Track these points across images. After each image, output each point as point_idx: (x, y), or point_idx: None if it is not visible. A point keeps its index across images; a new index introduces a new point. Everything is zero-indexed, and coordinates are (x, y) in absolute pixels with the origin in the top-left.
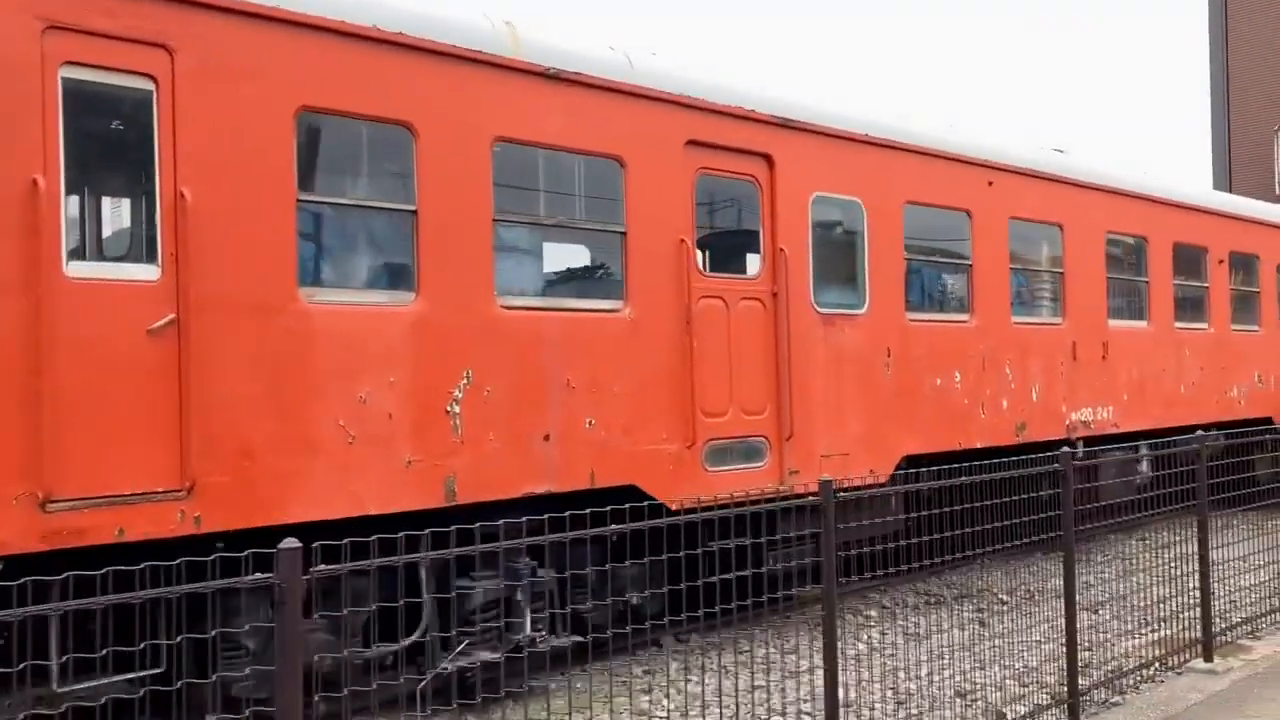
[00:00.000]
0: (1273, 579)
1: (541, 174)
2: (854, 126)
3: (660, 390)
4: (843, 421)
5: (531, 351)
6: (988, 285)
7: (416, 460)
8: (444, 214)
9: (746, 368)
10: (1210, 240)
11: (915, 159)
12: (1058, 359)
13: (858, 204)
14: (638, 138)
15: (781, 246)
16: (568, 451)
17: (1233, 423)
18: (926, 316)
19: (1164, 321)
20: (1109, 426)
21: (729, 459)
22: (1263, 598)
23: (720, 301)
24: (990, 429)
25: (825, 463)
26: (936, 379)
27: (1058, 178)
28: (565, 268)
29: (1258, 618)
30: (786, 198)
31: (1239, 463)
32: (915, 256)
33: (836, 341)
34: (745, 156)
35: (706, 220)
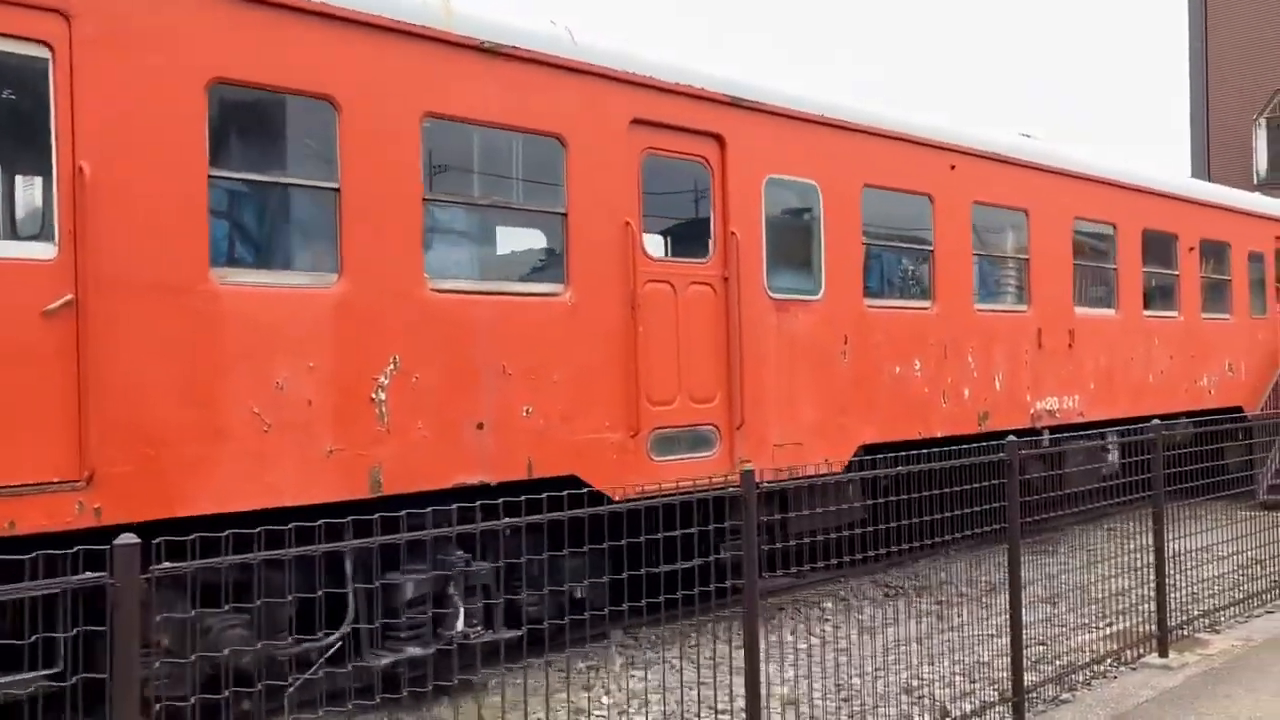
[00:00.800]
0: (1235, 570)
1: (476, 152)
2: (809, 107)
3: (603, 377)
4: (797, 410)
5: (464, 336)
6: (950, 272)
7: (338, 449)
8: (369, 192)
9: (696, 354)
10: (1180, 227)
11: (874, 141)
12: (1022, 347)
13: (814, 187)
14: (580, 116)
15: (733, 230)
16: (503, 440)
17: (1203, 412)
18: (886, 303)
19: (1133, 309)
20: (1075, 416)
21: (676, 448)
22: (1224, 589)
23: (668, 286)
24: (952, 418)
25: (778, 452)
26: (896, 367)
27: (1023, 162)
28: (502, 250)
29: (1217, 610)
30: (738, 180)
31: (1205, 452)
32: (874, 242)
33: (791, 328)
34: (695, 137)
35: (654, 202)
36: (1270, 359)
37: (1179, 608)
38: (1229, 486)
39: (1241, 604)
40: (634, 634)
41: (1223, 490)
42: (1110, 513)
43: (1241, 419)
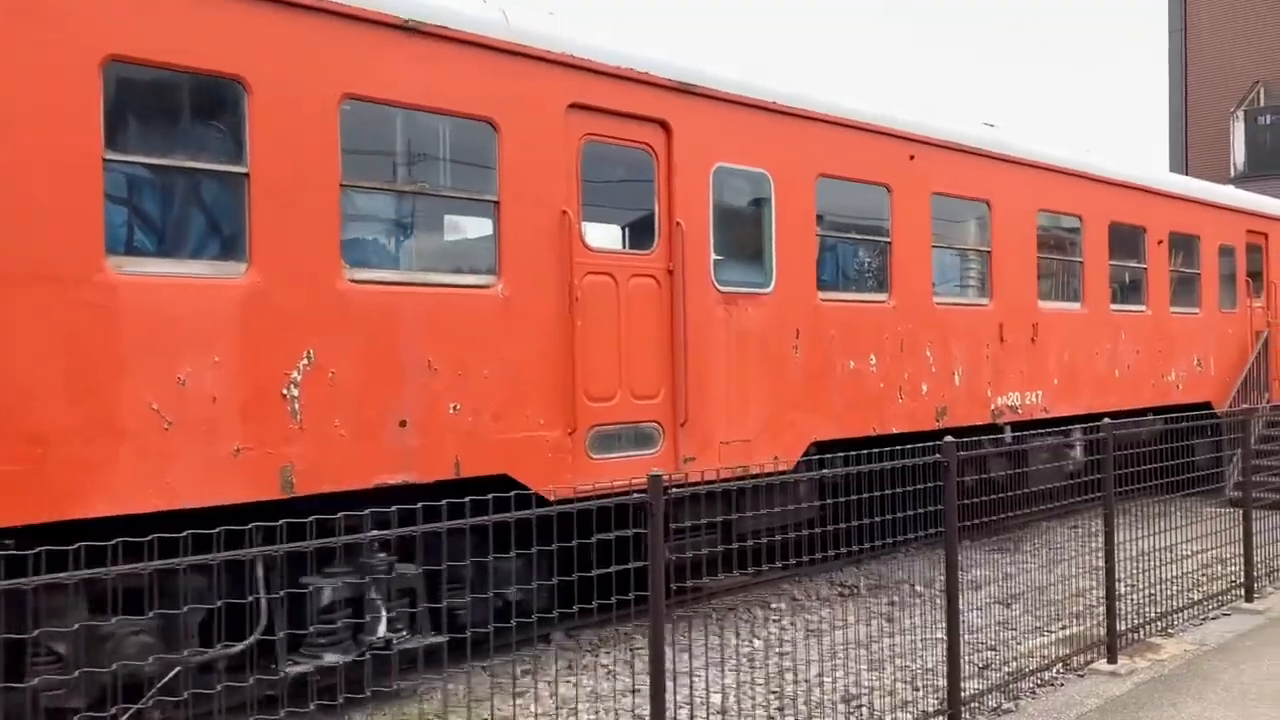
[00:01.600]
0: (1197, 570)
1: (400, 136)
2: (761, 94)
3: (538, 372)
4: (746, 406)
5: (386, 330)
6: (908, 264)
7: (246, 448)
8: (281, 177)
9: (638, 349)
10: (1149, 220)
11: (829, 130)
12: (983, 341)
13: (765, 176)
14: (513, 99)
15: (679, 220)
16: (428, 439)
17: (1170, 408)
18: (840, 296)
19: (1099, 303)
20: (1038, 411)
21: (617, 445)
22: (1183, 590)
23: (609, 278)
24: (908, 414)
25: (725, 449)
26: (850, 362)
27: (986, 152)
28: (428, 239)
29: (1172, 613)
30: (685, 168)
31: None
32: (829, 233)
33: (740, 322)
34: (638, 123)
35: (595, 191)
36: (1240, 354)
37: (1135, 610)
38: (1197, 483)
39: (1198, 606)
40: (576, 636)
41: (1191, 487)
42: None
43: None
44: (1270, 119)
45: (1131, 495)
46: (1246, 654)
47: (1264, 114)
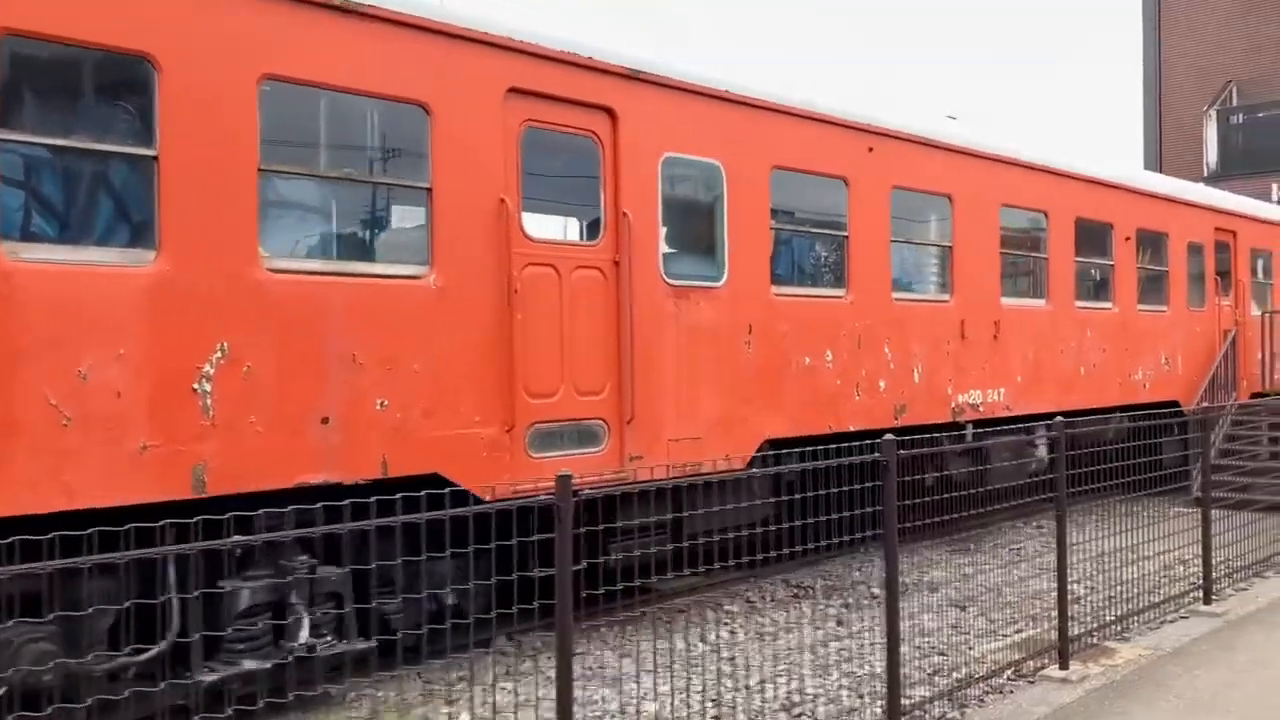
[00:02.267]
0: (1158, 571)
1: (325, 119)
2: (713, 83)
3: (473, 367)
4: (695, 403)
5: (308, 322)
6: (866, 259)
7: (153, 446)
8: (194, 161)
9: (582, 343)
10: (1116, 216)
11: (785, 120)
12: (944, 338)
13: (717, 167)
14: (447, 83)
15: (625, 211)
16: (353, 436)
17: (1137, 406)
18: (795, 291)
19: (1064, 300)
20: (1000, 409)
21: (559, 443)
22: (1143, 592)
23: (551, 270)
24: (865, 411)
25: (674, 447)
26: (805, 358)
27: (948, 146)
28: (356, 228)
29: (1130, 616)
30: (632, 157)
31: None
32: (784, 226)
33: (690, 316)
34: (583, 110)
35: (536, 179)
36: (1208, 353)
37: (1093, 613)
38: (1162, 482)
39: (1156, 608)
40: (519, 641)
41: (1155, 486)
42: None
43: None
44: (1243, 118)
45: (1097, 494)
46: (1201, 659)
47: (1236, 113)
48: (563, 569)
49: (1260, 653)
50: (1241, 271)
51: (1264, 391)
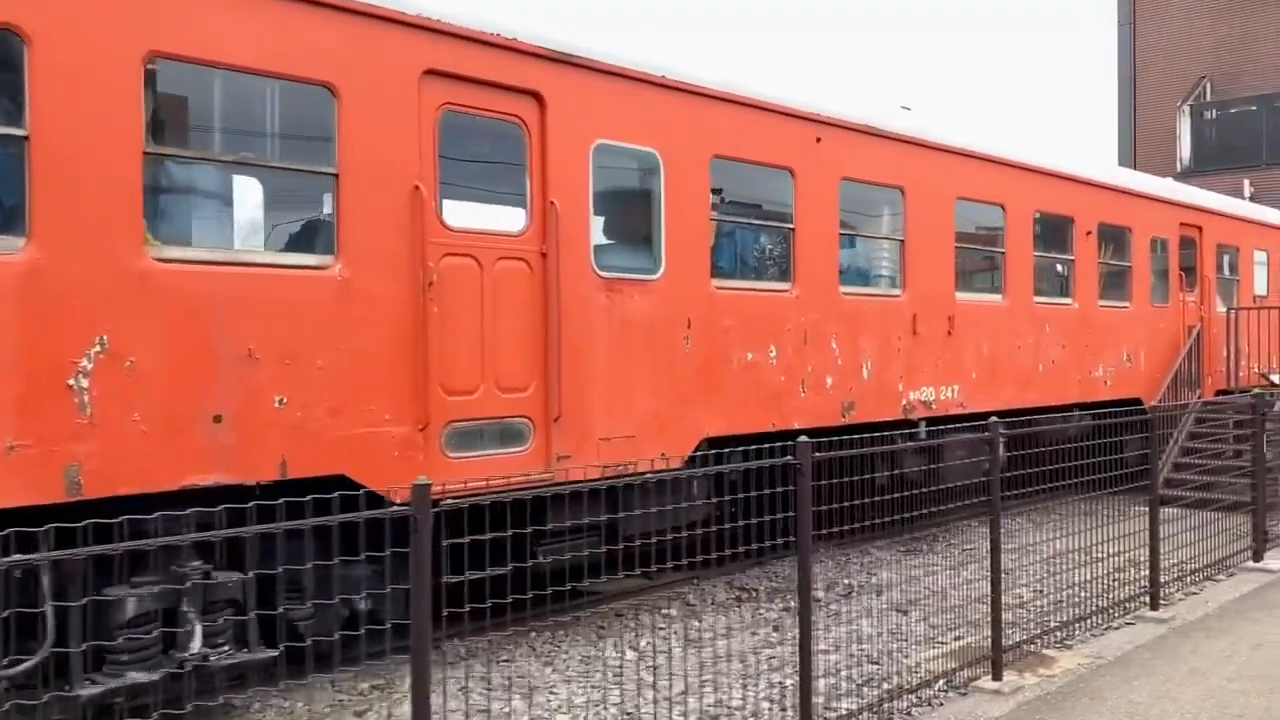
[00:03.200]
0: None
1: (220, 100)
2: (648, 68)
3: (383, 363)
4: (629, 400)
5: (198, 315)
6: (813, 252)
7: (21, 445)
8: (69, 143)
9: (505, 338)
10: (1077, 210)
11: (726, 108)
12: (895, 334)
13: (654, 155)
14: (356, 63)
15: (553, 200)
16: (248, 436)
17: (1098, 404)
18: (737, 284)
19: (1021, 295)
20: (954, 407)
21: (479, 443)
22: (1092, 596)
23: (472, 261)
24: (811, 409)
25: (605, 446)
26: (748, 353)
27: (900, 137)
28: (254, 215)
29: (1074, 621)
30: (561, 144)
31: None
32: (725, 217)
33: (624, 310)
34: (507, 94)
35: (456, 165)
36: (1173, 349)
37: (1037, 618)
38: (1124, 481)
39: (1103, 614)
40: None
41: (1115, 484)
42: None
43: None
44: (1216, 114)
45: (1056, 493)
46: (1142, 669)
47: (1210, 109)
48: (418, 585)
49: (1202, 661)
50: (1207, 267)
51: (1229, 389)
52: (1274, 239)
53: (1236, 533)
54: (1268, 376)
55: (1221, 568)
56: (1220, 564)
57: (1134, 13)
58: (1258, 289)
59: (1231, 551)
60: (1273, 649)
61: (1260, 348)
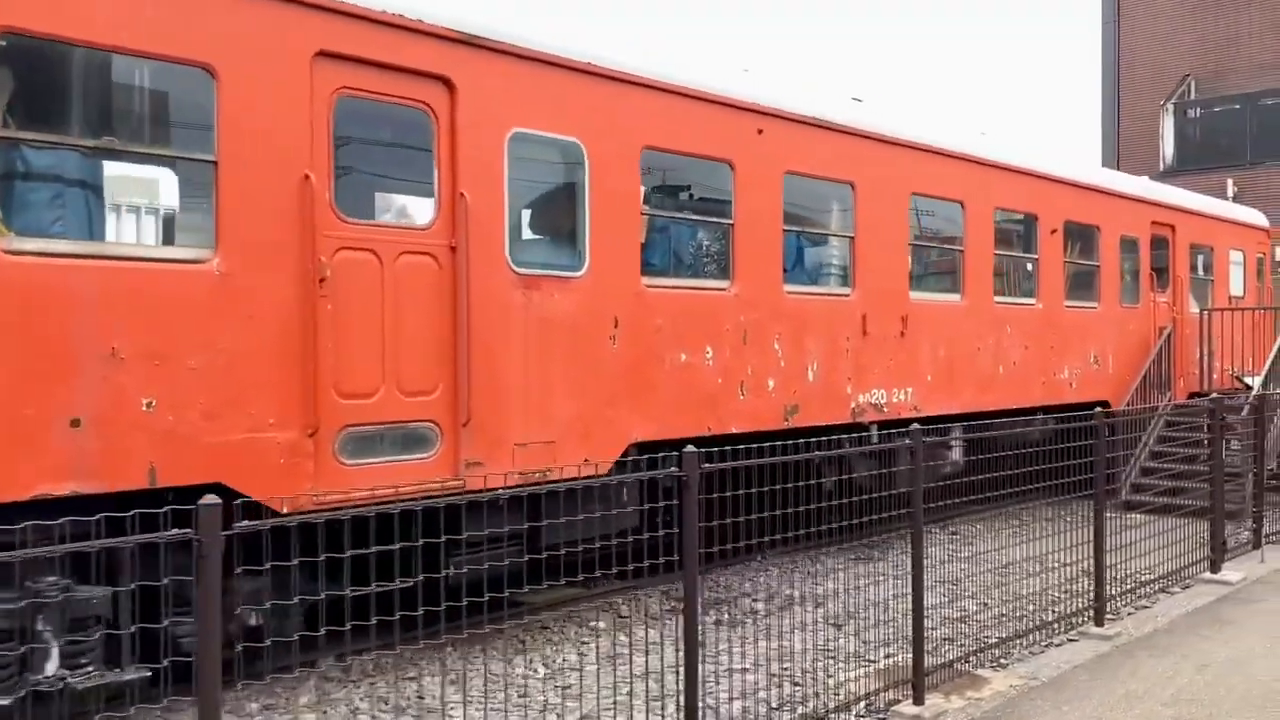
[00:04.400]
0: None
1: (80, 81)
2: (571, 54)
3: (267, 364)
4: (549, 404)
5: (53, 311)
6: (753, 249)
7: None
8: None
9: (409, 338)
10: (1041, 208)
11: (659, 97)
12: (843, 334)
13: (577, 146)
14: (238, 43)
15: (463, 191)
16: (111, 441)
17: (1063, 407)
18: (670, 282)
19: (981, 295)
20: (907, 410)
21: (378, 449)
22: (1039, 608)
23: (371, 255)
24: (751, 413)
25: (521, 452)
26: (681, 354)
27: (850, 129)
28: (121, 205)
29: (1014, 638)
30: (473, 132)
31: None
32: (658, 212)
33: (543, 308)
34: (412, 78)
35: (353, 154)
36: (1143, 351)
37: (975, 634)
38: (1088, 486)
39: (1046, 628)
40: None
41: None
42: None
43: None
44: (1199, 112)
45: (1017, 498)
46: (1077, 691)
47: (1193, 107)
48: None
49: (1140, 684)
50: (1180, 267)
51: (1202, 391)
52: (1251, 239)
53: (1199, 540)
54: (1241, 379)
55: (1178, 579)
56: (1177, 575)
57: (1118, 10)
58: (1233, 290)
59: (1190, 562)
60: (1218, 669)
61: (1235, 349)
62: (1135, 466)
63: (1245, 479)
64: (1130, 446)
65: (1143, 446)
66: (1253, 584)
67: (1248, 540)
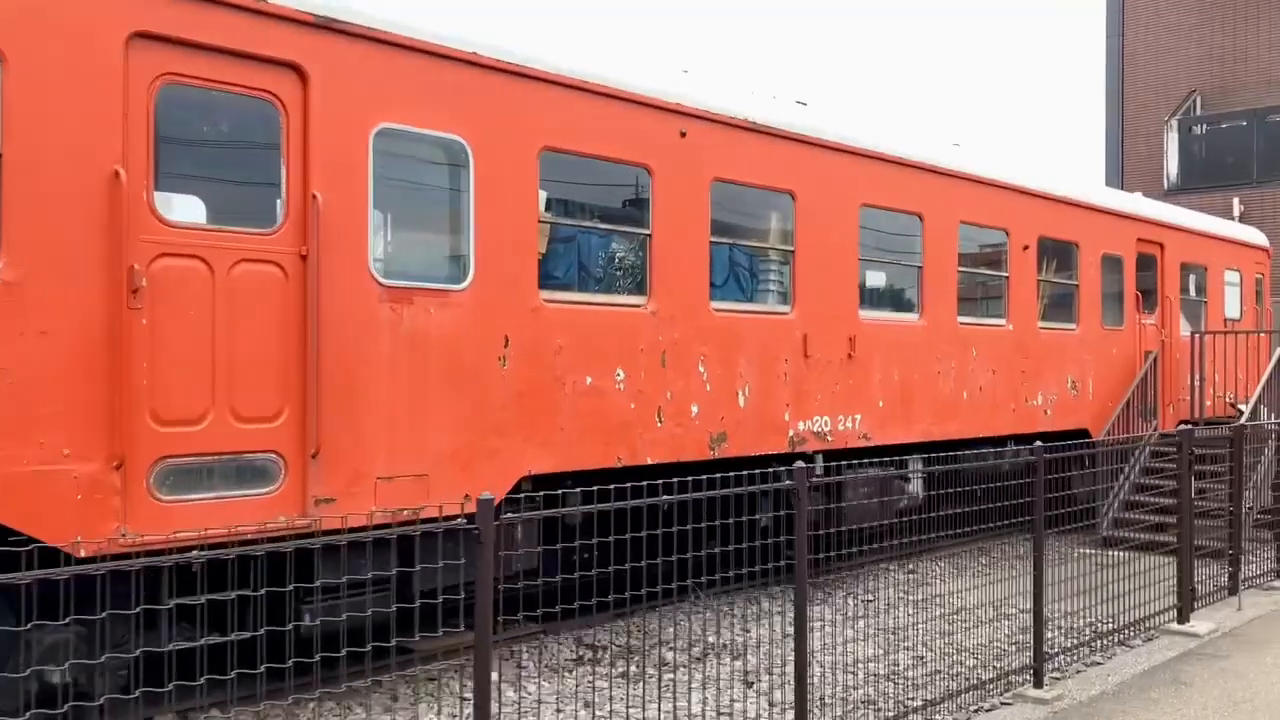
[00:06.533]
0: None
1: None
2: (454, 41)
3: (62, 386)
4: (422, 433)
5: None
6: (675, 262)
7: None
8: None
9: (247, 357)
10: (1011, 222)
11: (561, 94)
12: (780, 356)
13: (461, 145)
14: (31, 22)
15: (315, 192)
16: None
17: (1036, 436)
18: (575, 297)
19: (942, 315)
20: (856, 439)
21: (206, 483)
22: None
23: (199, 263)
24: (670, 442)
25: (386, 487)
26: (587, 377)
27: (788, 134)
28: None
29: (937, 702)
30: (329, 127)
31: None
32: (560, 220)
33: (417, 324)
34: (255, 65)
35: (180, 149)
36: (1127, 376)
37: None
38: (1068, 520)
39: (981, 688)
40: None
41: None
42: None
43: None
44: (1204, 129)
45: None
46: None
47: (1198, 123)
48: None
49: None
50: (1169, 288)
51: (1193, 420)
52: (1248, 258)
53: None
54: (1236, 406)
55: (1141, 629)
56: (1140, 625)
57: (1123, 24)
58: (1229, 312)
59: (1158, 610)
60: None
61: (1232, 375)
62: (1116, 500)
63: (1231, 516)
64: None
65: (1125, 479)
66: (1221, 637)
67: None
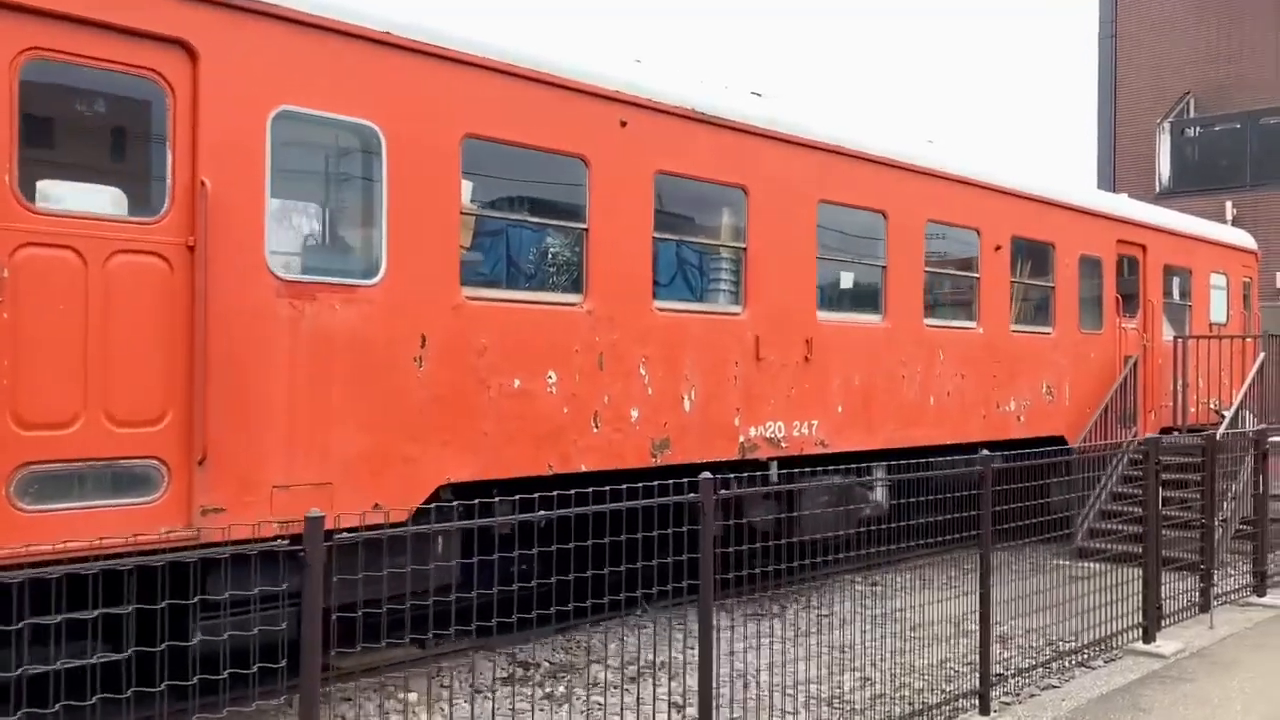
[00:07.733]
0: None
1: None
2: (361, 19)
3: None
4: (324, 438)
5: None
6: (614, 259)
7: None
8: None
9: (124, 355)
10: (982, 222)
11: (487, 78)
12: (731, 358)
13: (372, 130)
14: None
15: (204, 179)
16: None
17: (1008, 443)
18: (502, 294)
19: (907, 317)
20: (812, 446)
21: (77, 492)
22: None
23: (70, 253)
24: (607, 448)
25: (283, 496)
26: (514, 379)
27: (741, 126)
28: None
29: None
30: (221, 109)
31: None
32: (487, 213)
33: (320, 322)
34: (137, 41)
35: (50, 130)
36: (1105, 382)
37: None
38: (1039, 530)
39: (926, 714)
40: None
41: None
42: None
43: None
44: (1197, 131)
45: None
46: None
47: (1191, 125)
48: None
49: None
50: (1151, 291)
51: (1176, 426)
52: (1235, 261)
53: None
54: (1220, 412)
55: (1104, 648)
56: (1104, 643)
57: (1115, 25)
58: (1215, 316)
59: (1123, 628)
60: None
61: (1217, 381)
62: (1092, 509)
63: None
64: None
65: (1101, 487)
66: (1189, 658)
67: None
